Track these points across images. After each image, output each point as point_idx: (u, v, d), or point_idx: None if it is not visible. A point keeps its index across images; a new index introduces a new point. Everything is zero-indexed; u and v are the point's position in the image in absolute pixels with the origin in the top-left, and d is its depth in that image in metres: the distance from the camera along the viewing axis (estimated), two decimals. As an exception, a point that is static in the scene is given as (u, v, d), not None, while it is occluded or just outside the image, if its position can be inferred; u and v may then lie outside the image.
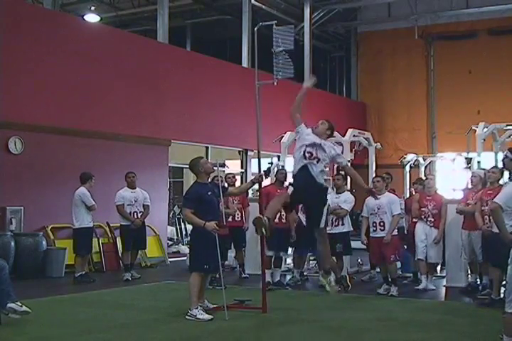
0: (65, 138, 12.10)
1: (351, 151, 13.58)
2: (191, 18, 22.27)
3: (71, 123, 12.27)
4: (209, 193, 7.45)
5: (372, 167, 13.77)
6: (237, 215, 10.73)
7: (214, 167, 7.98)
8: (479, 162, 12.68)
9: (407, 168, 16.99)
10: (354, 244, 10.10)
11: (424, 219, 9.73)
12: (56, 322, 7.24)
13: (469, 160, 13.51)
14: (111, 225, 12.42)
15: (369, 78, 22.82)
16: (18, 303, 6.85)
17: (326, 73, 24.61)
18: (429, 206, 9.72)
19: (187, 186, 14.15)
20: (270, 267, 9.68)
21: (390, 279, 9.28)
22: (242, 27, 18.16)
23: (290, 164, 8.49)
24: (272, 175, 11.55)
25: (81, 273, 10.50)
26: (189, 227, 11.85)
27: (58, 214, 11.66)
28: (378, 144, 14.36)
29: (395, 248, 9.33)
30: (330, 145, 7.58)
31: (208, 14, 21.69)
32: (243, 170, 16.94)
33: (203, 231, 7.24)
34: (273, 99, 13.65)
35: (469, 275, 9.92)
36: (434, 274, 10.32)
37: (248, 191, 10.90)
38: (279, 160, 13.95)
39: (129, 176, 11.04)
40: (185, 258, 13.03)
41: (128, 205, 10.87)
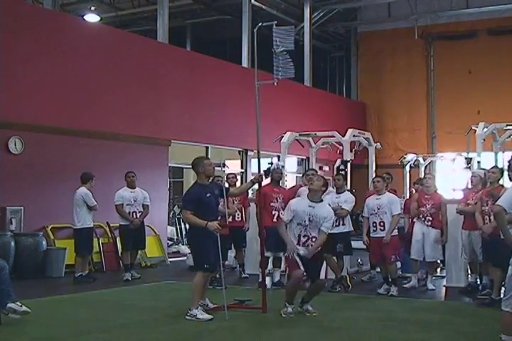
0: (65, 138, 12.10)
1: (351, 151, 13.58)
2: (191, 18, 22.28)
3: (71, 123, 12.27)
4: (208, 195, 7.41)
5: (372, 167, 13.78)
6: (237, 215, 10.70)
7: (216, 168, 7.95)
8: (479, 162, 12.68)
9: (407, 168, 16.99)
10: (354, 244, 10.06)
11: (422, 218, 9.73)
12: (56, 322, 7.23)
13: (469, 160, 13.52)
14: (111, 225, 12.42)
15: (369, 78, 22.81)
16: (18, 303, 6.84)
17: (326, 73, 24.63)
18: (427, 205, 9.71)
19: (187, 186, 14.16)
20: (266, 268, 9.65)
21: (390, 279, 9.27)
22: (242, 27, 18.15)
23: (290, 164, 8.47)
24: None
25: (81, 273, 10.50)
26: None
27: (58, 214, 11.66)
28: (378, 144, 14.36)
29: (395, 248, 9.32)
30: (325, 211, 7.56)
31: (208, 14, 21.70)
32: (243, 170, 16.93)
33: (204, 230, 7.22)
34: (273, 99, 13.65)
35: (469, 275, 9.92)
36: (434, 274, 10.32)
37: (248, 191, 10.88)
38: (279, 160, 13.94)
39: (129, 176, 11.03)
40: (185, 258, 13.05)
41: (127, 205, 10.86)
